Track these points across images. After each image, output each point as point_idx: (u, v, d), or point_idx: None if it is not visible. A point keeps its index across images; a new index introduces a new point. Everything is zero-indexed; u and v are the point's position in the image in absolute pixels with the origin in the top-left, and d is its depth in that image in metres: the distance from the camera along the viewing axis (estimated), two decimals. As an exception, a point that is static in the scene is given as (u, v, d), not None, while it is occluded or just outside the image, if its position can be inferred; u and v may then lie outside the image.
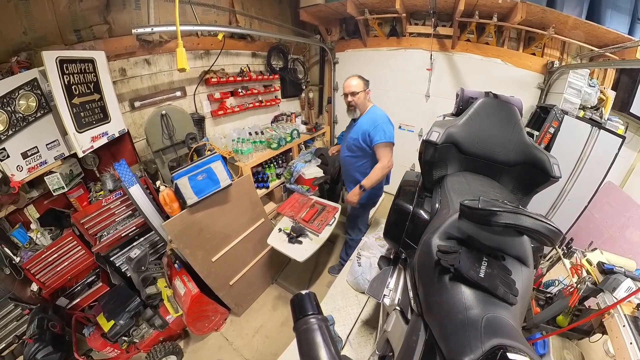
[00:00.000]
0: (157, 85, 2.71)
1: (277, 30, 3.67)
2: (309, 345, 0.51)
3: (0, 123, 1.71)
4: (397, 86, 3.64)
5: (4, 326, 1.98)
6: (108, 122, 2.17)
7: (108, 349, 2.06)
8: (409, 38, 3.46)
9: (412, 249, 1.30)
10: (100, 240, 2.24)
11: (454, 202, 1.06)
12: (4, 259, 1.95)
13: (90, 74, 2.00)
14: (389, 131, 2.15)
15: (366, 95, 2.26)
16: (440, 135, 1.31)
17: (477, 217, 0.82)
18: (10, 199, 1.94)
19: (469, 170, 1.37)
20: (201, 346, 2.43)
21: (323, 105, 4.54)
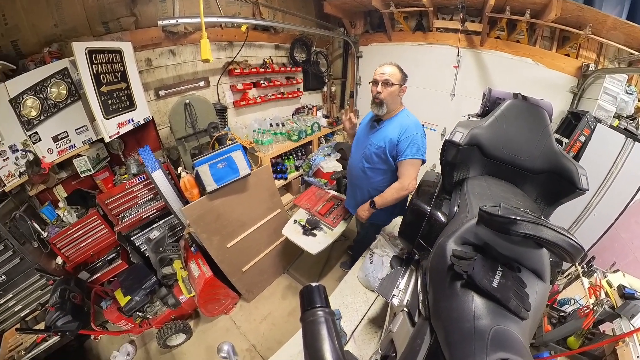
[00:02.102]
0: (182, 75, 2.78)
1: (300, 22, 3.64)
2: (314, 336, 0.52)
3: (33, 109, 1.83)
4: (421, 83, 3.52)
5: (30, 294, 2.16)
6: (134, 109, 2.26)
7: (122, 322, 2.18)
8: (436, 33, 3.33)
9: (426, 251, 1.27)
10: (123, 221, 2.36)
11: (473, 206, 1.03)
12: (32, 233, 2.10)
13: (118, 63, 2.08)
14: (424, 146, 1.79)
15: (400, 92, 1.82)
16: (464, 136, 1.26)
17: (496, 225, 0.79)
18: (41, 179, 2.07)
19: (491, 175, 1.32)
20: (210, 327, 2.52)
21: (345, 99, 4.49)
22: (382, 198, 1.88)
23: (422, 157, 1.78)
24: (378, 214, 2.02)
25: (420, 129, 1.81)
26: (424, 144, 1.79)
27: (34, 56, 1.99)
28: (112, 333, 2.22)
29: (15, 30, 1.95)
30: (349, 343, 1.82)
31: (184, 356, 2.34)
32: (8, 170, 1.95)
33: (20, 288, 2.11)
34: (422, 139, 1.79)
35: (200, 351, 2.36)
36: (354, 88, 4.30)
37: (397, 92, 1.79)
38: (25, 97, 1.81)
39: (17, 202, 2.14)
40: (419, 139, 1.77)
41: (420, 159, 1.78)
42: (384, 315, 1.88)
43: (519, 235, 0.73)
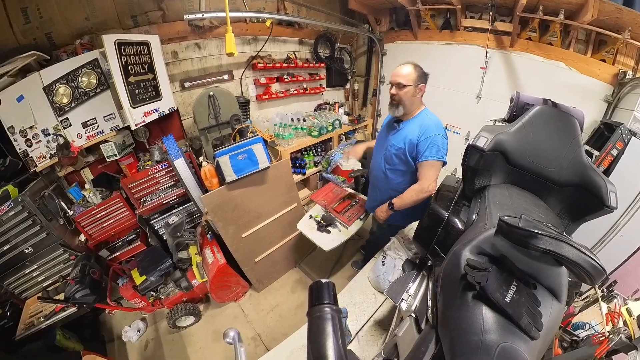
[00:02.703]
0: (207, 68, 2.85)
1: (324, 18, 3.62)
2: (318, 332, 0.52)
3: (65, 96, 1.94)
4: (446, 84, 3.42)
5: (53, 267, 2.31)
6: (159, 99, 2.34)
7: (136, 299, 2.28)
8: (463, 32, 3.21)
9: (439, 258, 1.25)
10: (144, 205, 2.46)
11: (492, 215, 0.99)
12: (59, 211, 2.24)
13: (145, 55, 2.16)
14: (444, 147, 1.73)
15: (417, 92, 1.74)
16: (488, 142, 1.21)
17: (515, 237, 0.76)
18: (69, 161, 2.20)
19: (514, 184, 1.26)
20: (219, 312, 2.60)
21: (368, 97, 4.44)
22: (401, 200, 1.84)
23: (442, 158, 1.72)
24: (396, 216, 1.98)
25: (442, 130, 1.75)
26: (444, 145, 1.72)
27: (67, 47, 2.11)
28: (125, 309, 2.34)
29: (50, 23, 2.07)
30: (353, 342, 1.82)
31: (191, 337, 2.43)
32: (40, 152, 2.09)
33: (44, 260, 2.26)
34: (443, 140, 1.72)
35: (207, 334, 2.44)
36: (377, 86, 4.24)
37: (413, 93, 1.73)
38: (58, 85, 1.94)
39: (46, 182, 2.30)
40: (439, 140, 1.70)
41: (440, 161, 1.72)
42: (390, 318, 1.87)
43: (538, 250, 0.70)
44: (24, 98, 1.92)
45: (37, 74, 1.91)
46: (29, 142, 2.06)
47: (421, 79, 1.73)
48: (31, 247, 2.18)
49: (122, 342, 2.44)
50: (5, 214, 2.01)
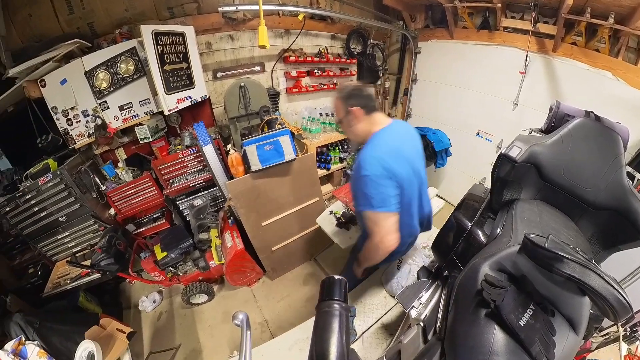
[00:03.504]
0: (239, 59, 2.90)
1: (358, 13, 3.54)
2: (324, 327, 0.52)
3: (104, 81, 2.08)
4: (482, 87, 3.25)
5: (83, 235, 2.52)
6: (192, 88, 2.42)
7: (156, 273, 2.42)
8: (503, 33, 3.01)
9: (457, 269, 1.21)
10: (171, 186, 2.60)
11: (518, 232, 0.95)
12: (93, 186, 2.44)
13: (180, 45, 2.25)
14: (381, 190, 1.24)
15: (351, 119, 1.39)
16: (522, 153, 1.13)
17: (539, 257, 0.72)
18: (105, 141, 2.36)
19: (545, 201, 1.18)
20: (231, 295, 2.71)
21: (399, 96, 4.32)
22: (363, 256, 1.53)
23: (373, 208, 1.26)
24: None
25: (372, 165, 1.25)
26: (378, 188, 1.24)
27: (107, 36, 2.26)
28: (145, 281, 2.49)
29: (91, 13, 2.22)
30: (357, 342, 1.82)
31: (202, 315, 2.55)
32: (79, 131, 2.26)
33: (76, 229, 2.48)
34: (372, 182, 1.24)
35: (218, 314, 2.55)
36: (409, 85, 4.11)
37: (347, 124, 1.42)
38: (98, 70, 2.08)
39: (83, 158, 2.50)
40: (367, 183, 1.24)
41: (376, 212, 1.26)
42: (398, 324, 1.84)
43: (562, 276, 0.66)
44: (66, 81, 2.08)
45: (79, 60, 2.05)
46: (69, 122, 2.22)
47: (346, 103, 1.40)
48: (65, 216, 2.39)
49: (138, 311, 2.64)
50: (45, 184, 2.22)
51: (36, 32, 2.15)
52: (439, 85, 3.70)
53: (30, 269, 2.55)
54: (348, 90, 1.43)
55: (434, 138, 3.22)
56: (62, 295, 2.34)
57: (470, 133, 3.40)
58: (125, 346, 1.78)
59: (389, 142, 1.35)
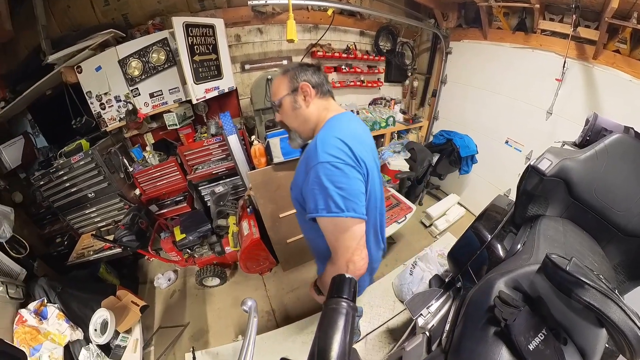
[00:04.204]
0: (267, 52, 2.93)
1: (388, 10, 3.45)
2: (329, 324, 0.52)
3: (137, 69, 2.19)
4: (514, 93, 3.07)
5: (108, 212, 2.69)
6: (220, 78, 2.48)
7: (173, 253, 2.52)
8: (540, 36, 2.80)
9: (471, 282, 1.19)
10: (195, 172, 2.69)
11: (540, 250, 0.91)
12: (121, 167, 2.58)
13: (210, 37, 2.30)
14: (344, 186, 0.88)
15: (298, 99, 1.07)
16: (552, 166, 1.08)
17: (558, 280, 0.69)
18: (135, 126, 2.47)
19: (572, 220, 1.12)
20: (242, 281, 2.78)
21: (427, 97, 4.17)
22: (323, 284, 1.13)
23: (338, 212, 0.87)
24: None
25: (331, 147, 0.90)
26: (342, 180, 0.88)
27: (140, 27, 2.35)
28: (162, 259, 2.61)
29: (126, 5, 2.32)
30: (360, 343, 1.83)
31: (212, 297, 2.65)
32: (111, 115, 2.38)
33: (102, 205, 2.65)
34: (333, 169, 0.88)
35: (228, 298, 2.63)
36: (438, 87, 3.95)
37: (291, 105, 1.08)
38: (131, 59, 2.18)
39: (114, 141, 2.64)
40: (326, 173, 0.88)
41: (337, 218, 0.89)
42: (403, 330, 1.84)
43: (581, 303, 0.63)
44: (101, 68, 2.20)
45: (113, 48, 2.16)
46: (102, 106, 2.34)
47: (295, 78, 1.07)
48: (93, 193, 2.56)
49: (153, 287, 2.79)
50: (77, 162, 2.39)
51: (74, 22, 2.29)
52: (468, 88, 3.55)
53: (58, 239, 2.76)
54: (297, 64, 1.15)
55: (460, 143, 3.13)
56: (85, 265, 2.51)
57: (499, 141, 3.24)
58: (138, 318, 1.90)
59: (350, 126, 1.03)
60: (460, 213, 3.27)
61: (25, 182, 2.63)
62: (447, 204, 3.30)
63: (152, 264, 3.04)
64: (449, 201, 3.34)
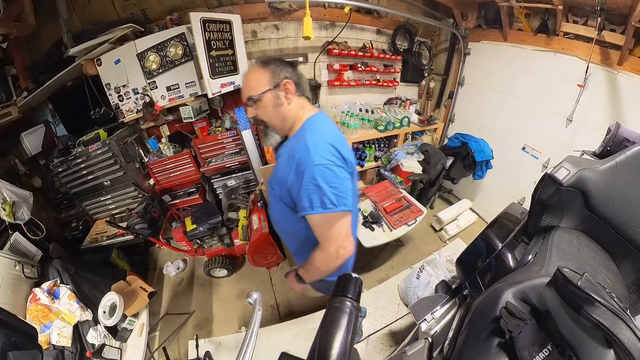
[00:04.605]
0: (283, 49, 2.93)
1: (406, 8, 3.39)
2: (332, 322, 0.53)
3: (154, 63, 2.23)
4: (533, 97, 2.96)
5: (123, 200, 2.78)
6: (236, 74, 2.51)
7: (183, 243, 2.58)
8: (562, 39, 2.68)
9: (478, 290, 1.17)
10: (208, 164, 2.75)
11: (551, 263, 0.89)
12: (137, 157, 2.66)
13: (227, 33, 2.32)
14: (337, 184, 0.98)
15: (280, 95, 1.08)
16: (570, 176, 1.04)
17: (568, 295, 0.68)
18: (152, 117, 2.54)
19: (587, 234, 1.08)
20: (248, 273, 2.82)
21: (443, 98, 4.09)
22: (308, 272, 1.20)
23: (333, 208, 0.97)
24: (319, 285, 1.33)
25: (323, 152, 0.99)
26: (334, 180, 0.98)
27: (158, 22, 2.41)
28: (172, 248, 2.66)
29: (145, 0, 2.37)
30: (361, 344, 1.83)
31: (219, 288, 2.70)
32: (129, 107, 2.45)
33: (117, 193, 2.74)
34: (327, 171, 0.97)
35: (233, 290, 2.68)
36: (455, 88, 3.86)
37: (274, 102, 1.08)
38: (149, 53, 2.23)
39: (130, 131, 2.72)
40: (321, 175, 0.96)
41: (332, 212, 0.98)
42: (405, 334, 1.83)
43: (590, 320, 0.61)
44: (120, 61, 2.26)
45: (132, 42, 2.22)
46: (120, 98, 2.41)
47: (277, 74, 1.07)
48: (109, 181, 2.65)
49: (162, 274, 2.87)
50: (95, 151, 2.48)
51: (94, 17, 2.38)
52: (486, 91, 3.46)
53: (73, 223, 2.86)
54: (277, 58, 1.13)
55: (475, 147, 3.06)
56: (97, 249, 2.61)
57: (516, 146, 3.14)
58: (145, 303, 1.96)
59: (331, 128, 1.10)
60: (472, 219, 3.21)
61: (44, 169, 2.75)
62: (458, 209, 3.25)
63: (162, 252, 3.13)
64: (460, 206, 3.29)
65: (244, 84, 1.13)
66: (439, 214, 3.11)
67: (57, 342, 1.67)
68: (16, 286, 1.78)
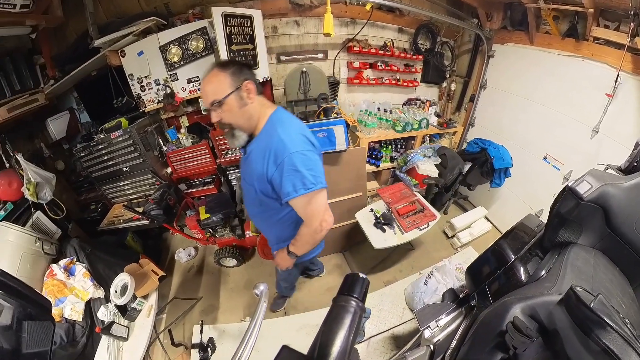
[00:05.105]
0: (303, 45, 2.93)
1: (429, 7, 3.30)
2: (336, 320, 0.53)
3: (176, 55, 2.28)
4: (557, 104, 2.82)
5: (141, 186, 2.87)
6: (256, 68, 2.52)
7: (196, 231, 2.64)
8: (592, 44, 2.52)
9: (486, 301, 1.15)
10: (225, 156, 2.78)
11: (565, 281, 0.87)
12: (156, 145, 2.74)
13: (248, 27, 2.34)
14: (311, 166, 1.15)
15: (244, 96, 1.16)
16: (592, 190, 1.00)
17: (579, 316, 0.66)
18: (172, 108, 2.61)
19: (605, 253, 1.04)
20: (257, 265, 2.87)
21: (464, 101, 3.97)
22: (298, 247, 1.38)
23: (313, 186, 1.14)
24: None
25: (296, 142, 1.14)
26: (310, 164, 1.15)
27: (181, 16, 2.45)
28: (185, 235, 2.74)
29: None
30: (362, 344, 1.83)
31: (227, 277, 2.78)
32: (150, 97, 2.51)
33: (136, 179, 2.83)
34: (304, 157, 1.13)
35: (241, 280, 2.74)
36: (477, 92, 3.73)
37: (238, 103, 1.14)
38: (171, 46, 2.27)
39: (151, 121, 2.79)
40: (299, 161, 1.12)
41: (312, 191, 1.14)
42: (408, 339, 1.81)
43: (599, 345, 0.60)
44: (143, 53, 2.31)
45: (155, 35, 2.26)
46: (142, 88, 2.47)
47: (238, 75, 1.14)
48: (128, 167, 2.74)
49: (173, 260, 2.97)
50: (116, 138, 2.56)
51: (119, 10, 2.47)
52: (509, 96, 3.34)
53: (92, 206, 3.01)
54: (233, 60, 1.25)
55: (495, 154, 2.95)
56: (114, 232, 2.72)
57: (537, 155, 3.01)
58: (155, 286, 2.03)
59: (294, 120, 1.27)
60: (486, 228, 3.13)
61: (67, 153, 2.90)
62: (473, 216, 3.17)
63: (175, 239, 3.22)
64: (475, 214, 3.20)
65: (205, 89, 1.17)
66: (453, 220, 3.05)
67: (69, 316, 1.77)
68: (35, 261, 1.89)
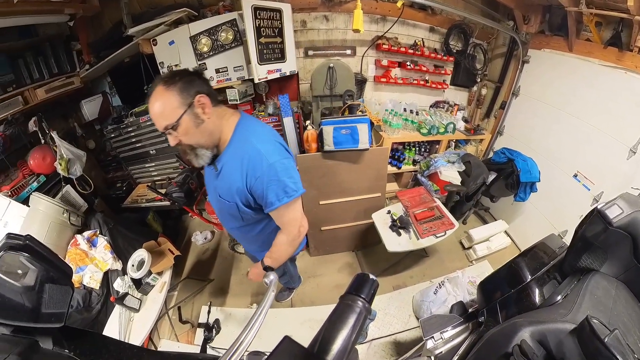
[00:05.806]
0: (331, 40, 2.91)
1: (463, 6, 3.15)
2: (340, 318, 0.53)
3: (206, 46, 2.35)
4: (593, 119, 2.60)
5: (165, 169, 3.02)
6: (283, 61, 2.56)
7: (214, 216, 2.72)
8: (637, 55, 2.30)
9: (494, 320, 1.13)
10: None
11: (581, 309, 0.83)
12: None
13: (277, 21, 2.37)
14: (290, 173, 1.14)
15: (199, 113, 1.05)
16: (622, 216, 0.94)
17: (591, 350, 0.64)
18: None
19: (628, 286, 0.98)
20: None
21: (494, 108, 3.78)
22: (275, 260, 1.34)
23: (295, 193, 1.14)
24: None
25: (273, 150, 1.11)
26: (290, 171, 1.14)
27: (212, 7, 2.51)
28: (203, 219, 2.86)
29: None
30: (364, 345, 1.84)
31: (239, 263, 2.87)
32: None
33: (161, 162, 2.97)
34: (282, 165, 1.10)
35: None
36: (509, 98, 3.55)
37: (194, 122, 1.04)
38: (201, 36, 2.33)
39: None
40: (280, 170, 1.09)
41: (295, 198, 1.14)
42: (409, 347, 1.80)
43: (609, 385, 0.58)
44: (174, 43, 2.40)
45: (186, 26, 2.33)
46: (172, 75, 2.56)
47: (188, 90, 1.02)
48: (155, 150, 2.88)
49: (190, 241, 3.12)
50: (145, 122, 2.70)
51: (152, 1, 2.57)
52: (541, 105, 3.14)
53: (118, 184, 3.19)
54: (179, 72, 1.07)
55: (522, 166, 2.81)
56: (136, 210, 2.88)
57: (567, 172, 2.81)
58: (170, 264, 2.14)
59: (264, 127, 1.23)
60: (505, 243, 3.01)
61: (99, 133, 3.09)
62: (492, 229, 3.04)
63: (193, 222, 3.36)
64: (495, 227, 3.07)
65: (154, 112, 1.03)
66: (471, 231, 2.94)
67: (87, 284, 1.92)
68: (61, 230, 2.04)
